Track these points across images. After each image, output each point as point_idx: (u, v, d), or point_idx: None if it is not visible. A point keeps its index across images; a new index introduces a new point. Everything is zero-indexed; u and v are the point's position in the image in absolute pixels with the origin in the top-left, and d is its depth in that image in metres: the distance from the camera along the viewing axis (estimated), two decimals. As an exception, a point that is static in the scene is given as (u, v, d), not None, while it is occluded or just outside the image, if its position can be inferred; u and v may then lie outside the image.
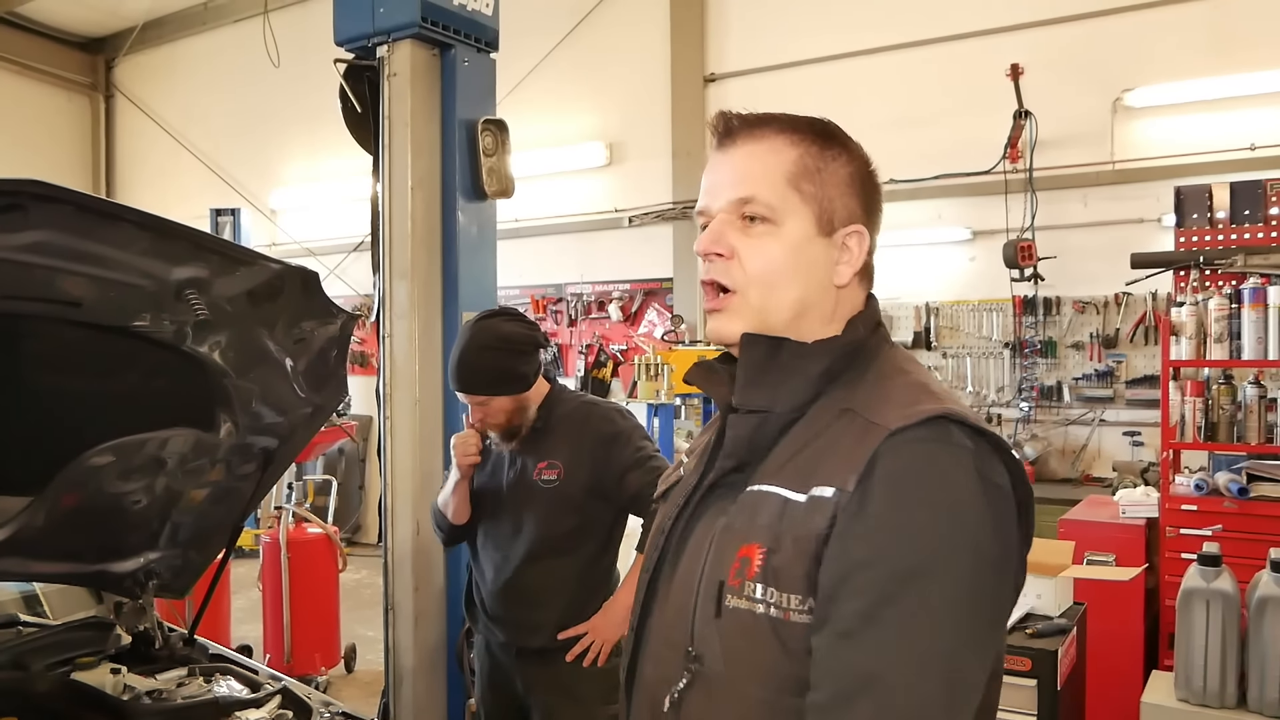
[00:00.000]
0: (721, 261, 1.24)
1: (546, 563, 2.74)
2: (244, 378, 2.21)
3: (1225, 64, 6.31)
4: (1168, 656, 3.83)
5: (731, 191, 1.24)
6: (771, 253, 1.22)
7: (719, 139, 1.28)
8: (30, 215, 1.68)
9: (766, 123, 1.25)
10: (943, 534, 1.06)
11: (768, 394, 1.23)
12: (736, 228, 1.23)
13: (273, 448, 2.43)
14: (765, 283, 1.22)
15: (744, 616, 1.14)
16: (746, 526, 1.17)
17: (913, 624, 1.04)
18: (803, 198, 1.23)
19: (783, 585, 1.11)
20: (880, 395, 1.17)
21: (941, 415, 1.10)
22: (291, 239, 10.42)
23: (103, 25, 11.87)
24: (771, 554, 1.13)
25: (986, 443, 1.11)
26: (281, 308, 2.18)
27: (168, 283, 1.96)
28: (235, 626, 5.96)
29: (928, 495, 1.07)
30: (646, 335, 8.65)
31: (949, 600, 1.05)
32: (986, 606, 1.09)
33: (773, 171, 1.23)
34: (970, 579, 1.06)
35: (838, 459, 1.13)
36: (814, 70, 7.73)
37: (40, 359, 2.14)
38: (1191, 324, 4.33)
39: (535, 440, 2.78)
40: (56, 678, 2.27)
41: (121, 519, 2.25)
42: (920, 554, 1.05)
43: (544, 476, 2.73)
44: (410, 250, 3.72)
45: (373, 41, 3.75)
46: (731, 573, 1.16)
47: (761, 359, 1.23)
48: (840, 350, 1.24)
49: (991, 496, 1.09)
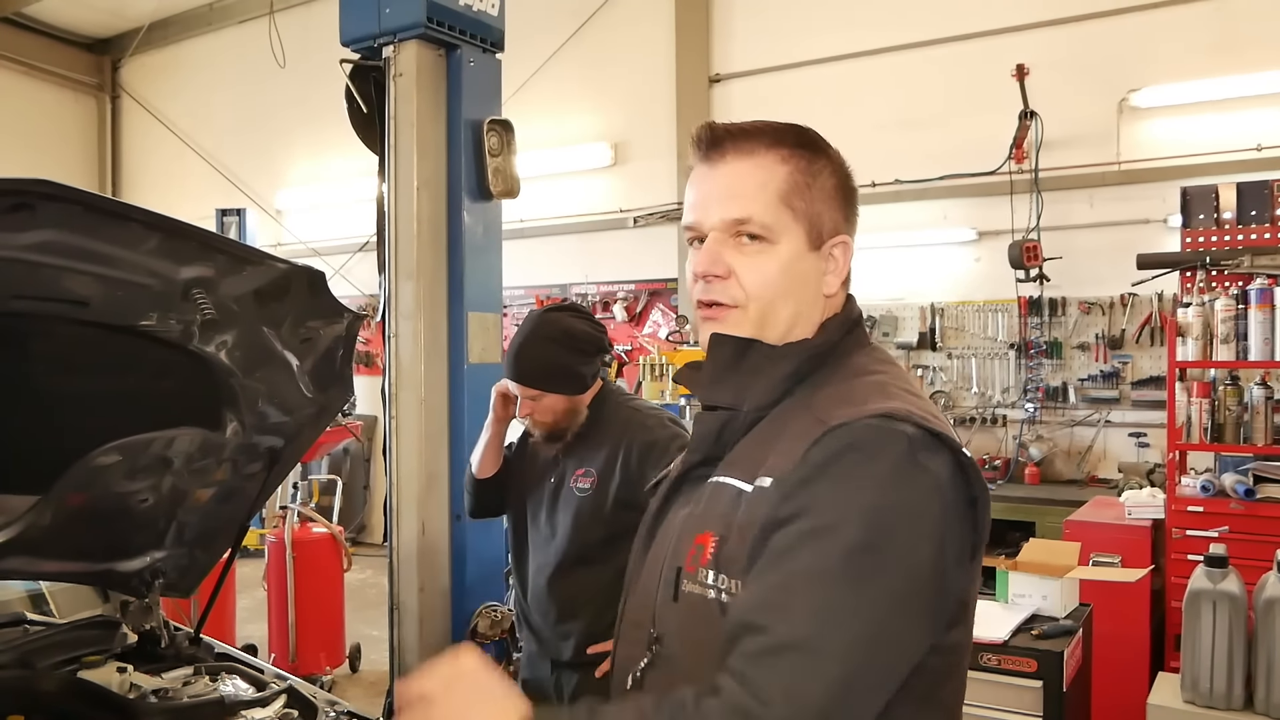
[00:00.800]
0: (719, 282, 1.26)
1: (577, 572, 2.71)
2: (250, 377, 2.21)
3: (1231, 64, 6.29)
4: (1174, 658, 3.82)
5: (725, 210, 1.25)
6: (768, 271, 1.25)
7: (705, 151, 1.28)
8: (38, 215, 1.69)
9: (755, 136, 1.27)
10: (850, 498, 1.09)
11: (733, 393, 1.28)
12: (731, 246, 1.26)
13: (278, 447, 2.43)
14: (762, 299, 1.26)
15: (696, 601, 1.20)
16: (704, 516, 1.24)
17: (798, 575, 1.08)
18: (794, 215, 1.26)
19: (731, 572, 1.17)
20: (838, 396, 1.21)
21: (886, 413, 1.13)
22: (297, 239, 10.44)
23: (109, 26, 11.89)
24: (723, 542, 1.19)
25: (930, 435, 1.14)
26: (288, 307, 2.18)
27: (175, 282, 1.96)
28: (240, 626, 5.97)
29: (846, 473, 1.11)
30: (651, 335, 8.65)
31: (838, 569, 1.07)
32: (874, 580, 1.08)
33: (766, 190, 1.25)
34: (861, 551, 1.07)
35: (781, 451, 1.18)
36: (819, 71, 7.72)
37: (47, 358, 2.15)
38: (1198, 325, 4.32)
39: (577, 445, 2.75)
40: (63, 676, 2.27)
41: (128, 518, 2.25)
42: (824, 516, 1.09)
43: (579, 484, 2.70)
44: (416, 250, 3.72)
45: (378, 42, 3.76)
46: (688, 559, 1.22)
47: (729, 359, 1.28)
48: (810, 352, 1.28)
49: (910, 475, 1.11)
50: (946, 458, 1.14)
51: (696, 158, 1.30)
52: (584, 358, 2.68)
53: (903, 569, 1.10)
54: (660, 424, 2.75)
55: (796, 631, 1.05)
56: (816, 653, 1.04)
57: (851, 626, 1.06)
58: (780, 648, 1.04)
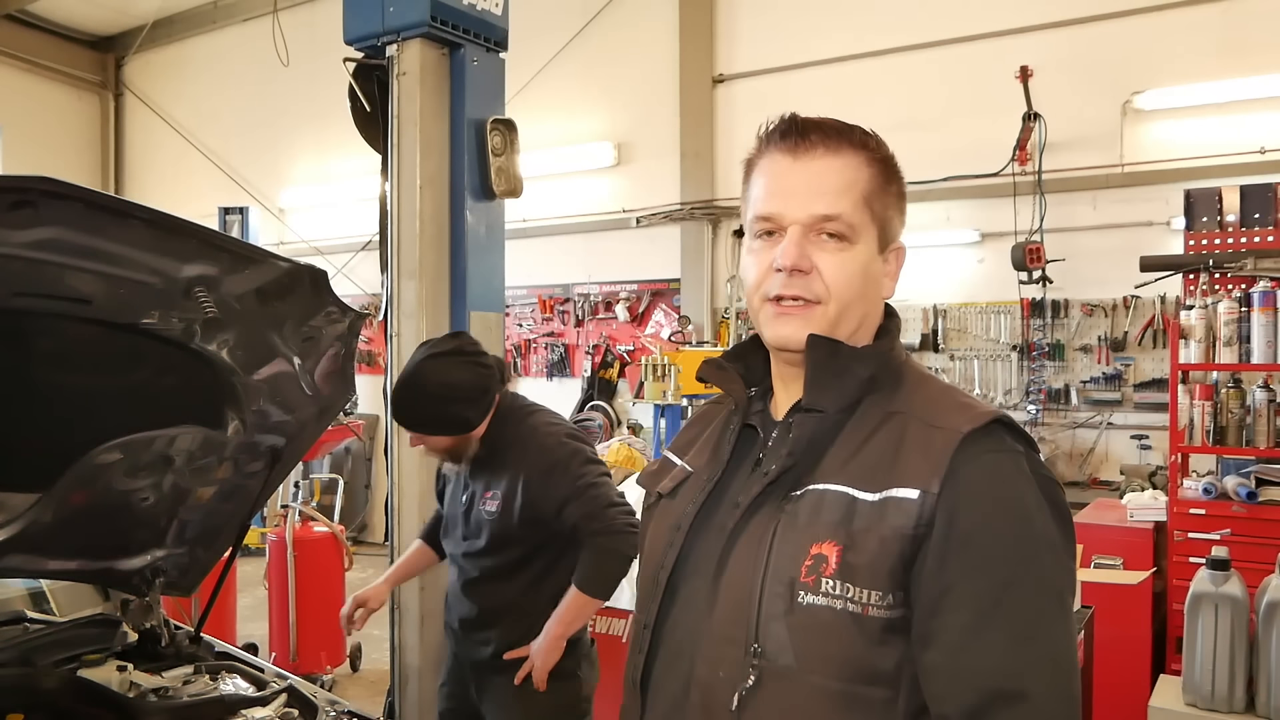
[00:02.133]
0: (802, 277, 1.25)
1: (489, 586, 2.76)
2: (252, 376, 2.21)
3: (1235, 67, 6.29)
4: (1175, 661, 3.81)
5: (813, 205, 1.24)
6: (850, 269, 1.26)
7: (793, 144, 1.27)
8: (41, 212, 1.68)
9: (847, 134, 1.28)
10: (1024, 539, 1.15)
11: (829, 395, 1.26)
12: (814, 242, 1.25)
13: (280, 446, 2.43)
14: (841, 298, 1.26)
15: (820, 612, 1.17)
16: (811, 524, 1.21)
17: (1019, 629, 1.12)
18: (872, 217, 1.27)
19: (860, 581, 1.16)
20: (925, 400, 1.26)
21: (998, 419, 1.20)
22: (300, 238, 10.45)
23: (113, 24, 11.91)
24: (848, 551, 1.17)
25: (1026, 441, 1.23)
26: (290, 306, 2.18)
27: (177, 280, 1.96)
28: (241, 624, 5.97)
29: (1007, 506, 1.16)
30: (653, 336, 8.65)
31: (1045, 602, 1.15)
32: (1068, 589, 1.20)
33: (854, 189, 1.25)
34: (1053, 574, 1.17)
35: (912, 461, 1.18)
36: (823, 71, 7.72)
37: (49, 356, 2.15)
38: (1200, 327, 4.31)
39: (482, 468, 2.74)
40: (63, 675, 2.27)
41: (129, 516, 2.25)
42: (1012, 564, 1.13)
43: (487, 507, 2.70)
44: (419, 249, 3.72)
45: (382, 40, 3.76)
46: (803, 570, 1.19)
47: (825, 360, 1.26)
48: (886, 356, 1.30)
49: (1046, 488, 1.19)
50: (1038, 456, 1.24)
51: (778, 148, 1.28)
52: (469, 404, 2.65)
53: (1070, 582, 1.22)
54: (558, 442, 2.73)
55: (1051, 690, 1.12)
56: (1068, 695, 1.14)
57: (1072, 656, 1.17)
58: (1044, 711, 1.11)
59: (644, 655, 1.34)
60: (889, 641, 1.16)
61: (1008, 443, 1.19)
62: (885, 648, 1.16)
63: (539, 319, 9.46)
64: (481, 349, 2.73)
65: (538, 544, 2.72)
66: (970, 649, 1.11)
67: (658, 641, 1.32)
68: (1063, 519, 1.20)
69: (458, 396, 2.62)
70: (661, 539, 1.36)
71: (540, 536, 2.71)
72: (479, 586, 2.78)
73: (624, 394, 8.90)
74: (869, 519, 1.17)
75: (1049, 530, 1.17)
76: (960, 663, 1.12)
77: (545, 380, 9.46)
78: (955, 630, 1.12)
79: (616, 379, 9.00)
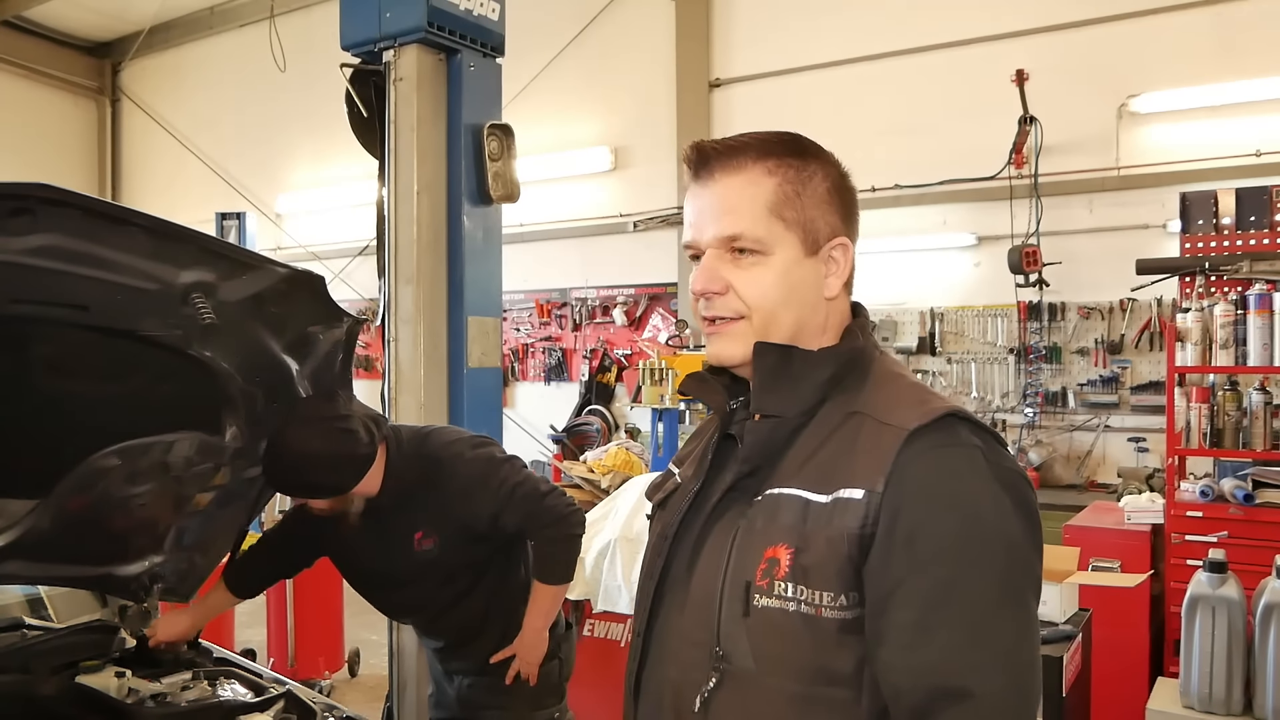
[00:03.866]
0: (718, 298, 1.28)
1: (452, 618, 2.74)
2: (250, 381, 2.21)
3: (1231, 70, 6.30)
4: (1173, 663, 3.81)
5: (716, 227, 1.27)
6: (764, 281, 1.27)
7: (695, 171, 1.30)
8: (39, 219, 1.69)
9: (741, 151, 1.28)
10: (973, 536, 1.14)
11: (781, 400, 1.27)
12: (727, 261, 1.27)
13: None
14: (763, 309, 1.27)
15: (774, 615, 1.19)
16: (768, 528, 1.22)
17: (965, 627, 1.12)
18: (786, 225, 1.27)
19: (813, 583, 1.17)
20: (886, 398, 1.25)
21: (950, 413, 1.18)
22: (297, 243, 10.44)
23: (109, 30, 11.91)
24: (800, 553, 1.18)
25: (986, 434, 1.21)
26: (288, 312, 2.18)
27: (174, 286, 1.96)
28: (239, 630, 5.96)
29: (953, 501, 1.15)
30: (651, 340, 8.64)
31: (993, 599, 1.14)
32: (1028, 586, 1.18)
33: (755, 204, 1.26)
34: (1006, 570, 1.15)
35: (859, 460, 1.19)
36: (820, 75, 7.73)
37: (47, 362, 2.15)
38: (1197, 330, 4.32)
39: (400, 511, 2.60)
40: (61, 681, 2.27)
41: (127, 522, 2.25)
42: (958, 560, 1.13)
43: (424, 547, 2.61)
44: (416, 255, 3.72)
45: (379, 46, 3.76)
46: (758, 573, 1.20)
47: (774, 365, 1.27)
48: (846, 357, 1.30)
49: (1007, 481, 1.18)
50: (1005, 451, 1.23)
51: (689, 177, 1.31)
52: (330, 472, 2.43)
53: (1031, 580, 1.19)
54: (465, 459, 2.64)
55: (993, 684, 1.11)
56: (1020, 693, 1.13)
57: (1026, 654, 1.16)
58: (991, 710, 1.11)
59: (636, 662, 1.37)
60: (846, 643, 1.17)
61: (960, 437, 1.18)
62: (842, 649, 1.17)
63: (536, 323, 9.46)
64: (350, 410, 2.45)
65: (486, 557, 2.71)
66: (917, 647, 1.12)
67: (647, 647, 1.36)
68: (1025, 513, 1.18)
69: (318, 466, 2.40)
70: (652, 549, 1.39)
71: (486, 550, 2.70)
72: (440, 622, 2.78)
73: (621, 398, 8.90)
74: (819, 520, 1.18)
75: (1005, 525, 1.16)
76: (907, 661, 1.12)
77: (543, 384, 9.46)
78: (902, 628, 1.13)
79: (614, 383, 9.00)
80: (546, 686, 2.78)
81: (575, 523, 2.70)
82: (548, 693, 2.78)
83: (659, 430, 6.79)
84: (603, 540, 4.21)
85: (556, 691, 2.83)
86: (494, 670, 2.71)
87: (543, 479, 2.73)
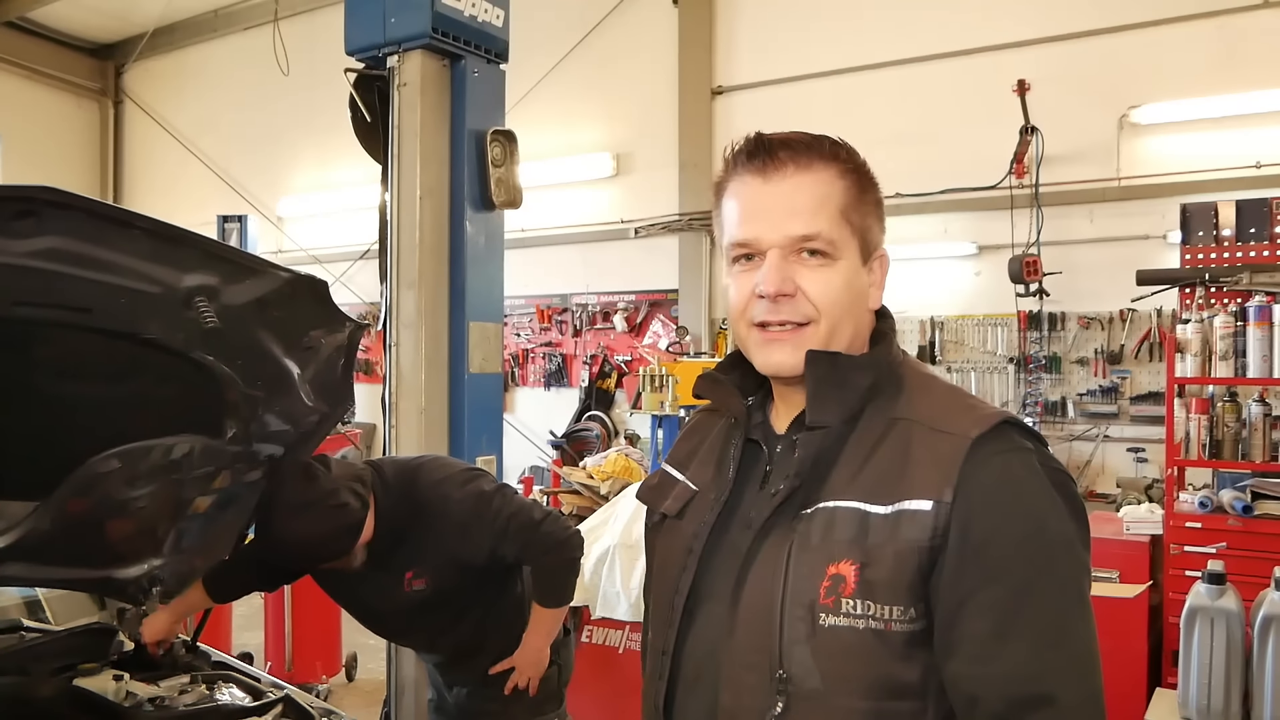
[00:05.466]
0: (788, 301, 1.23)
1: (451, 638, 2.74)
2: (251, 385, 2.21)
3: (1232, 82, 6.32)
4: (1171, 674, 3.81)
5: (790, 226, 1.22)
6: (835, 286, 1.23)
7: (761, 165, 1.23)
8: (43, 222, 1.69)
9: (813, 149, 1.24)
10: (1041, 542, 1.15)
11: (833, 409, 1.24)
12: (796, 263, 1.23)
13: (279, 455, 2.42)
14: (830, 316, 1.23)
15: (843, 634, 1.16)
16: (826, 544, 1.18)
17: (1041, 633, 1.12)
18: (852, 230, 1.24)
19: (881, 598, 1.15)
20: (931, 404, 1.24)
21: (1005, 420, 1.19)
22: (299, 247, 10.45)
23: (113, 31, 11.93)
24: (866, 568, 1.15)
25: (1035, 438, 1.22)
26: (290, 316, 2.18)
27: (177, 290, 1.96)
28: (237, 634, 5.95)
29: (1019, 509, 1.15)
30: (651, 346, 8.65)
31: (1065, 603, 1.15)
32: (1086, 583, 1.19)
33: (829, 204, 1.23)
34: (1071, 572, 1.16)
35: (919, 470, 1.17)
36: (822, 83, 7.75)
37: (49, 365, 2.15)
38: (1196, 341, 4.32)
39: (392, 552, 2.58)
40: (59, 684, 2.26)
41: (127, 525, 2.25)
42: (1029, 567, 1.13)
43: (414, 587, 2.60)
44: (418, 259, 3.73)
45: (383, 51, 3.77)
46: (822, 591, 1.17)
47: (826, 374, 1.23)
48: (885, 363, 1.28)
49: (1059, 483, 1.19)
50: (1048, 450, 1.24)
51: (747, 170, 1.24)
52: (330, 545, 2.43)
53: (1088, 577, 1.20)
54: (455, 498, 2.60)
55: (1077, 691, 1.13)
56: (1096, 693, 1.15)
57: (1095, 653, 1.17)
58: (1073, 713, 1.12)
59: (665, 682, 1.31)
60: (913, 655, 1.15)
61: (1016, 442, 1.18)
62: (910, 661, 1.15)
63: (537, 329, 9.47)
64: (334, 484, 2.44)
65: (480, 583, 2.70)
66: (993, 657, 1.11)
67: (678, 667, 1.30)
68: (1077, 512, 1.20)
69: (319, 547, 2.43)
70: (674, 563, 1.33)
71: (483, 577, 2.69)
72: (439, 642, 2.79)
73: (621, 404, 8.91)
74: (883, 533, 1.15)
75: (1064, 527, 1.17)
76: (985, 671, 1.11)
77: (543, 390, 9.47)
78: (977, 639, 1.12)
79: (614, 389, 9.00)
80: (545, 693, 2.78)
81: (573, 546, 2.68)
82: (546, 699, 2.79)
83: (659, 436, 6.79)
84: (602, 546, 4.20)
85: (555, 697, 2.83)
86: (493, 681, 2.71)
87: (536, 505, 2.71)
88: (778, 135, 1.25)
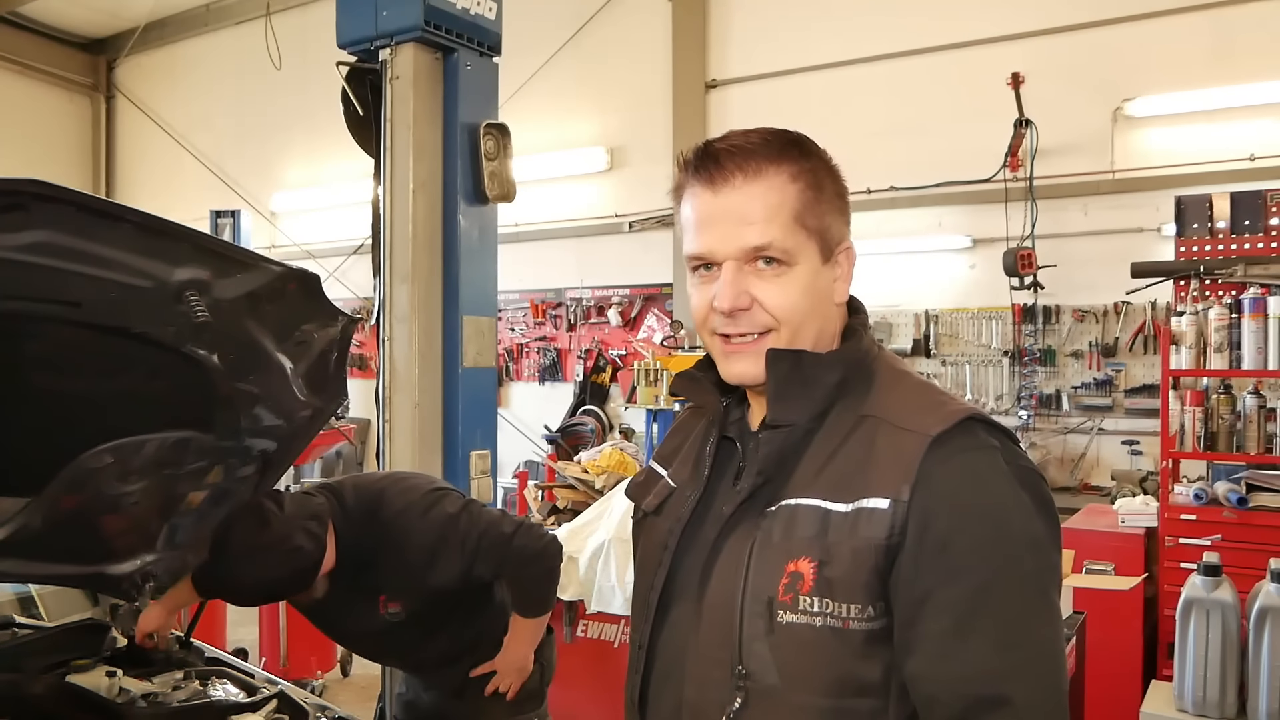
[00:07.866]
0: (745, 314, 1.22)
1: (430, 651, 2.72)
2: (244, 380, 2.19)
3: (1226, 74, 6.32)
4: (1167, 666, 3.82)
5: (742, 238, 1.20)
6: (792, 293, 1.22)
7: (707, 175, 1.22)
8: (31, 215, 1.67)
9: (759, 154, 1.21)
10: (1002, 541, 1.13)
11: (796, 408, 1.23)
12: (749, 273, 1.22)
13: (271, 450, 2.41)
14: (790, 322, 1.22)
15: (800, 631, 1.16)
16: (786, 541, 1.18)
17: (999, 633, 1.11)
18: (808, 233, 1.22)
19: (839, 596, 1.14)
20: (898, 401, 1.22)
21: (968, 417, 1.16)
22: (292, 241, 10.42)
23: (104, 26, 11.88)
24: (824, 566, 1.15)
25: (1002, 434, 1.19)
26: (282, 310, 2.17)
27: (168, 284, 1.95)
28: (231, 629, 5.94)
29: (980, 507, 1.14)
30: (646, 340, 8.64)
31: (1025, 603, 1.13)
32: (1052, 585, 1.18)
33: (783, 213, 1.21)
34: (1034, 572, 1.15)
35: (880, 468, 1.16)
36: (815, 77, 7.74)
37: (39, 359, 2.13)
38: (1191, 333, 4.33)
39: (359, 578, 2.55)
40: (51, 680, 2.26)
41: (119, 520, 2.24)
42: (989, 567, 1.12)
43: (390, 611, 2.57)
44: (411, 254, 3.72)
45: (375, 44, 3.76)
46: (781, 588, 1.17)
47: (788, 373, 1.23)
48: (854, 359, 1.26)
49: (1027, 481, 1.18)
50: (1018, 449, 1.21)
51: (696, 181, 1.23)
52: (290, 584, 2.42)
53: (1055, 578, 1.19)
54: (421, 526, 2.53)
55: (1028, 689, 1.10)
56: (1055, 695, 1.13)
57: (1056, 654, 1.15)
58: (1029, 715, 1.10)
59: (640, 675, 1.32)
60: (873, 653, 1.14)
61: (980, 439, 1.16)
62: (870, 659, 1.14)
63: (531, 323, 9.45)
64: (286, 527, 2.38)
65: (455, 603, 2.66)
66: (951, 656, 1.10)
67: (652, 661, 1.31)
68: (1045, 512, 1.18)
69: (275, 586, 2.42)
70: (651, 558, 1.34)
71: (459, 596, 2.65)
72: (420, 654, 2.76)
73: (616, 399, 8.90)
74: (842, 531, 1.15)
75: (1030, 526, 1.15)
76: (942, 670, 1.11)
77: (537, 384, 9.46)
78: (935, 638, 1.11)
79: (609, 384, 8.99)
80: (525, 692, 2.74)
81: (550, 555, 2.63)
82: (527, 698, 2.75)
83: (654, 431, 6.79)
84: (596, 541, 4.20)
85: (536, 696, 2.79)
86: (473, 683, 2.68)
87: (506, 517, 2.65)
88: (725, 144, 1.23)
